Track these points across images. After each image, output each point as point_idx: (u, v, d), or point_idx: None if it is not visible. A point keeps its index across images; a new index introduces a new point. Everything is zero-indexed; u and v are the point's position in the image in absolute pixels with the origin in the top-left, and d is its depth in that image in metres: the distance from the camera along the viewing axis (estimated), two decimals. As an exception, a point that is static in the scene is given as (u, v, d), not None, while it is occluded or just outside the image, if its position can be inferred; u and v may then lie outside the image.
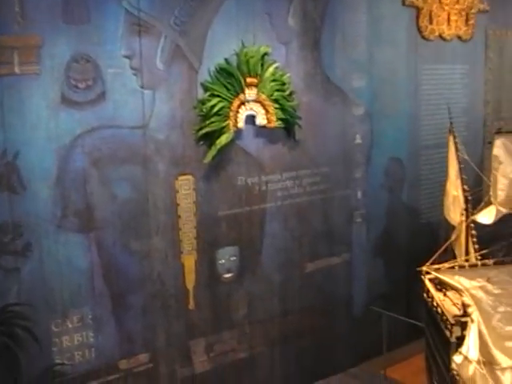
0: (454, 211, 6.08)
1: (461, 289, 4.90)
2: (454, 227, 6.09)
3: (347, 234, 8.53)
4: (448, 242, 5.63)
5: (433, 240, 6.46)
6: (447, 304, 5.91)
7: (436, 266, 4.93)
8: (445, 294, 6.07)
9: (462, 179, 5.92)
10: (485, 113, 10.05)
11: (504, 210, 4.96)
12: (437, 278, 4.92)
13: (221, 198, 7.26)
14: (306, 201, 7.95)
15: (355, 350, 8.61)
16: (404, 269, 8.66)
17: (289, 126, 7.58)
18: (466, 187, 5.84)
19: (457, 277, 4.90)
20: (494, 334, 4.96)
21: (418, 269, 5.09)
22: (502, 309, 4.95)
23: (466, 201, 5.80)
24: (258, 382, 7.83)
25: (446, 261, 5.06)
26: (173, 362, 7.16)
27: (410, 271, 6.26)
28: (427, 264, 5.06)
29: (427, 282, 6.10)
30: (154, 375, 7.04)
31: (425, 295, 6.10)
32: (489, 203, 5.09)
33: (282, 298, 7.92)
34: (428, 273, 4.92)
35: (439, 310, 5.81)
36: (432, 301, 5.95)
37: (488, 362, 4.90)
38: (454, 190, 6.10)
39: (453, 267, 4.91)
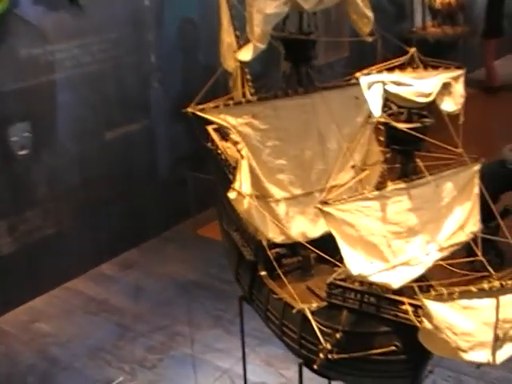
0: (230, 58, 6.07)
1: (228, 127, 4.97)
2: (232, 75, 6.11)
3: (144, 99, 8.45)
4: (215, 76, 5.59)
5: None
6: (231, 151, 6.01)
7: (201, 106, 4.93)
8: (228, 141, 6.17)
9: (233, 25, 5.90)
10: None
11: (261, 46, 4.99)
12: (201, 117, 4.93)
13: (4, 73, 6.94)
14: (96, 69, 7.72)
15: (166, 213, 8.70)
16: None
17: (69, -10, 7.26)
18: (237, 33, 5.84)
19: (223, 115, 4.94)
20: (265, 168, 5.10)
21: (183, 110, 5.06)
22: (270, 143, 5.07)
23: (239, 46, 5.81)
24: (69, 256, 7.76)
25: (211, 100, 5.07)
26: (-25, 248, 7.00)
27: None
28: (192, 105, 5.03)
29: (211, 131, 6.14)
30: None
31: (209, 144, 6.16)
32: (247, 41, 5.13)
33: (83, 169, 7.80)
34: (195, 114, 4.92)
35: (223, 156, 5.90)
36: (216, 149, 6.02)
37: (262, 195, 5.06)
38: (228, 37, 6.08)
39: (217, 106, 4.95)
